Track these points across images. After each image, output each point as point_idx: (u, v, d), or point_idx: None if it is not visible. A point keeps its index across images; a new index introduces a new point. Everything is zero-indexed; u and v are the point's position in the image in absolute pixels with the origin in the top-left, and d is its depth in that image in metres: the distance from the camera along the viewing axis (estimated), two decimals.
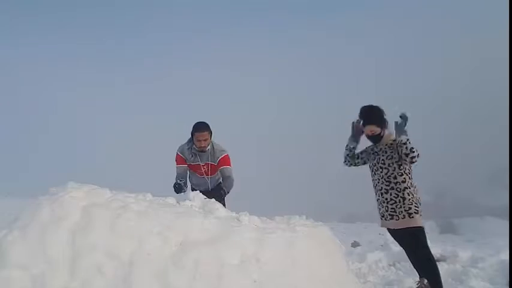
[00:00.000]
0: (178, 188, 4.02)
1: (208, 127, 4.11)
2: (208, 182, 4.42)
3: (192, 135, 4.17)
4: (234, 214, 3.40)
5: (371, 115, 3.56)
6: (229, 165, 4.33)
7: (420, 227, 3.48)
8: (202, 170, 4.32)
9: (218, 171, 4.38)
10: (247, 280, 2.73)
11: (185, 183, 4.26)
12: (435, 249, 5.69)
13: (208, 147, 4.19)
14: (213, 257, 2.73)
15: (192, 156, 4.26)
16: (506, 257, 4.71)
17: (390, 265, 5.14)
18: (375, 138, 3.59)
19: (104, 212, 2.80)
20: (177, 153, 4.33)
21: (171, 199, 3.41)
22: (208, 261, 2.70)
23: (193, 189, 4.43)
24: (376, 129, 3.54)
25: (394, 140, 3.45)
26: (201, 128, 4.10)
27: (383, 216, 3.60)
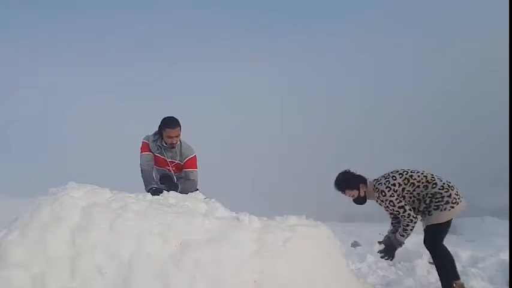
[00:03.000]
0: (155, 192, 3.68)
1: (179, 123, 3.88)
2: (174, 177, 4.10)
3: (160, 130, 3.91)
4: (234, 214, 3.40)
5: (340, 183, 3.71)
6: (196, 167, 4.08)
7: (443, 222, 3.53)
8: (170, 167, 4.05)
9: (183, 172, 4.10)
10: (247, 280, 2.73)
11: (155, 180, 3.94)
12: None
13: (177, 143, 3.96)
14: (213, 257, 2.73)
15: (158, 149, 4.01)
16: (506, 257, 4.71)
17: (390, 265, 5.14)
18: (359, 201, 3.72)
19: (104, 212, 2.80)
20: (143, 141, 4.04)
21: (171, 199, 3.41)
22: (208, 261, 2.69)
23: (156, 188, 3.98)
24: (353, 192, 3.67)
25: (376, 197, 3.60)
26: (173, 123, 3.84)
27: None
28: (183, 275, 2.60)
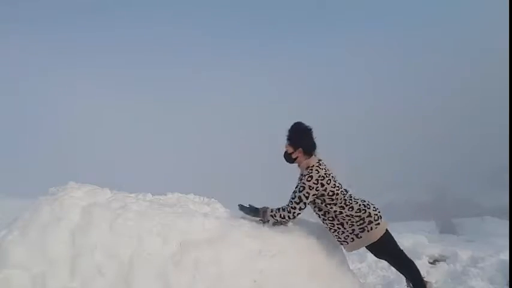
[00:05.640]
0: None
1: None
2: None
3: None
4: (234, 214, 3.40)
5: (290, 131, 3.26)
6: None
7: (377, 240, 3.19)
8: None
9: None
10: (247, 280, 2.74)
11: None
12: (435, 249, 5.70)
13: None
14: (213, 257, 2.73)
15: None
16: (506, 257, 4.71)
17: (390, 265, 5.15)
18: (286, 157, 3.30)
19: (104, 212, 2.80)
20: None
21: (172, 199, 3.41)
22: (208, 261, 2.70)
23: None
24: (289, 147, 3.24)
25: (306, 170, 3.15)
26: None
27: (342, 243, 3.34)
28: (183, 275, 2.60)
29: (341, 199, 3.16)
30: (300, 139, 3.22)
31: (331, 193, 3.13)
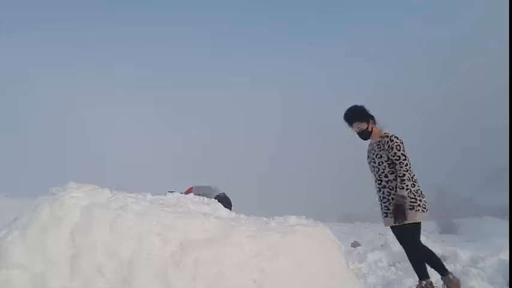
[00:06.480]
0: None
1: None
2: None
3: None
4: (234, 214, 3.40)
5: (352, 114, 3.68)
6: None
7: (414, 223, 3.40)
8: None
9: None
10: (247, 280, 2.73)
11: None
12: (435, 249, 5.69)
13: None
14: (213, 257, 2.73)
15: None
16: (506, 257, 4.71)
17: (390, 265, 5.15)
18: (364, 134, 3.67)
19: (104, 212, 2.80)
20: None
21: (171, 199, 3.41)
22: (208, 261, 2.70)
23: None
24: (362, 125, 3.63)
25: (382, 137, 3.54)
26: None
27: (383, 214, 3.60)
28: (183, 275, 2.60)
29: (410, 170, 3.41)
30: (366, 114, 3.67)
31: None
